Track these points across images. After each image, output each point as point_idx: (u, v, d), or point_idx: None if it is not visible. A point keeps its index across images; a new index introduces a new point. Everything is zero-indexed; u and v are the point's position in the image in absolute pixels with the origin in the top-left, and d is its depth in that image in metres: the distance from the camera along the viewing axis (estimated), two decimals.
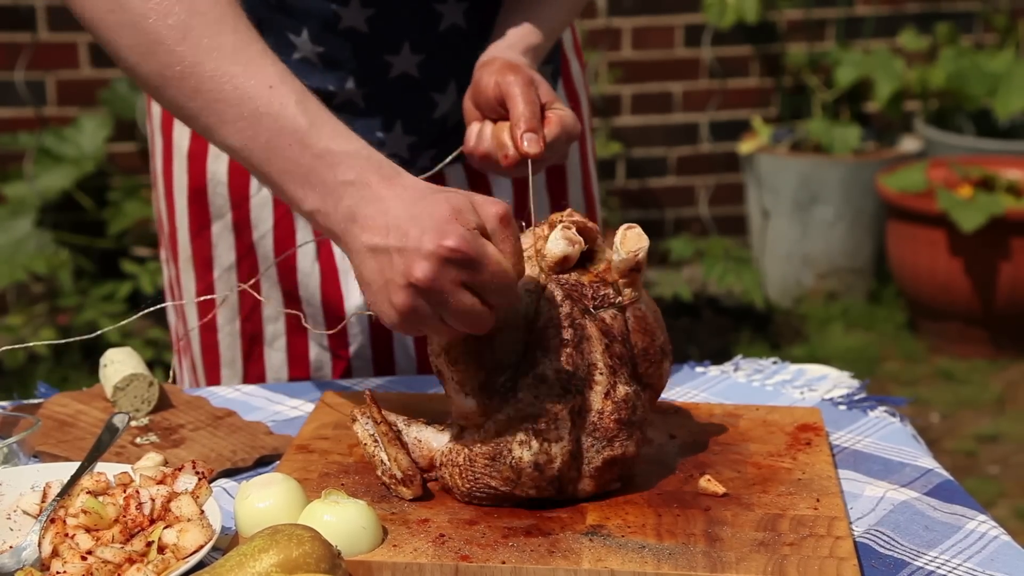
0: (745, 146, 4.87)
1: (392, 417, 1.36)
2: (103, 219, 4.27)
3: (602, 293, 1.32)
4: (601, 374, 1.30)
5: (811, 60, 5.01)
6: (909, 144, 4.96)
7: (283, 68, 1.33)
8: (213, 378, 1.81)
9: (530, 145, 1.45)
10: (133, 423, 1.51)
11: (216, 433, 1.49)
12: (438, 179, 1.62)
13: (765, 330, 4.65)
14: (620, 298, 1.34)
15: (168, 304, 1.81)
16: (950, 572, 1.22)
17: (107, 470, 1.30)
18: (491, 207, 1.25)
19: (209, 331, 1.80)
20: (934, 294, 4.48)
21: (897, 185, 4.49)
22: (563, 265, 1.31)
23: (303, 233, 1.73)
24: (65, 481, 1.28)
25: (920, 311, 4.60)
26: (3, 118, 4.38)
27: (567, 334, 1.29)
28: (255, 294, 1.65)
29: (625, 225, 1.33)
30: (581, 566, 1.19)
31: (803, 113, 5.04)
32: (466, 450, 1.29)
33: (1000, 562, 1.24)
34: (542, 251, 1.32)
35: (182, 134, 1.75)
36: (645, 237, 1.32)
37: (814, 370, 1.69)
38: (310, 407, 1.57)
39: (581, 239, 1.31)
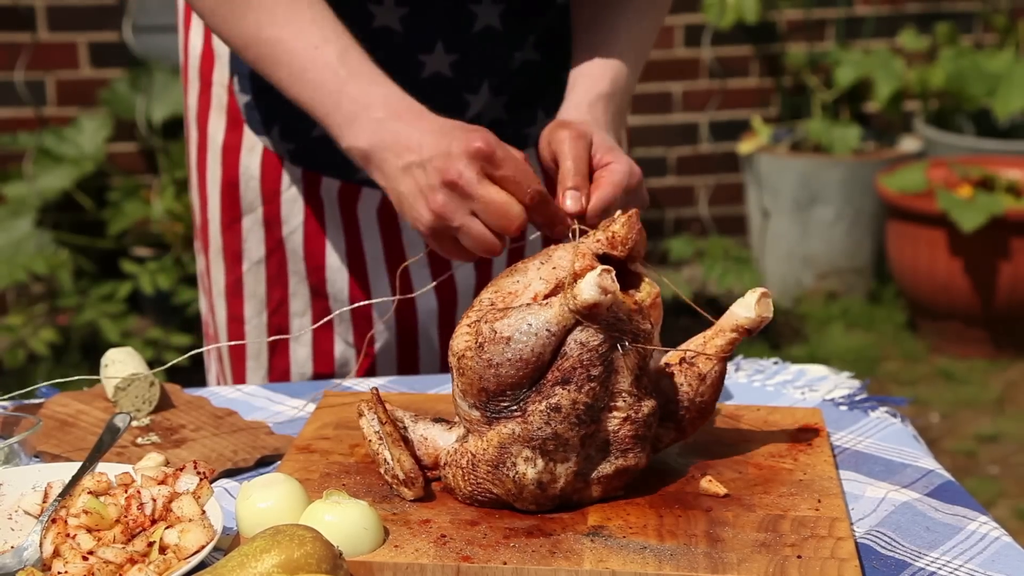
0: (745, 146, 4.87)
1: (399, 414, 1.35)
2: (103, 219, 4.27)
3: (643, 328, 1.28)
4: (624, 401, 1.28)
5: (811, 60, 5.01)
6: (909, 144, 4.96)
7: (330, 28, 1.48)
8: (239, 370, 1.83)
9: (571, 203, 1.42)
10: (134, 423, 1.51)
11: (217, 433, 1.49)
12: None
13: (765, 330, 4.65)
14: (653, 339, 1.32)
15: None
16: (951, 573, 1.22)
17: (108, 470, 1.30)
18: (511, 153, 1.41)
19: (236, 323, 1.81)
20: (934, 294, 4.48)
21: (897, 185, 4.49)
22: (592, 310, 1.23)
23: (332, 230, 1.74)
24: (66, 481, 1.28)
25: (920, 311, 4.60)
26: (3, 118, 4.38)
27: (596, 371, 1.26)
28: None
29: (762, 290, 1.34)
30: (582, 567, 1.19)
31: (803, 113, 5.04)
32: (470, 453, 1.29)
33: (1001, 563, 1.24)
34: (573, 287, 1.24)
35: (217, 127, 1.76)
36: (772, 308, 1.35)
37: (815, 370, 1.69)
38: (311, 407, 1.57)
39: (616, 288, 1.23)
